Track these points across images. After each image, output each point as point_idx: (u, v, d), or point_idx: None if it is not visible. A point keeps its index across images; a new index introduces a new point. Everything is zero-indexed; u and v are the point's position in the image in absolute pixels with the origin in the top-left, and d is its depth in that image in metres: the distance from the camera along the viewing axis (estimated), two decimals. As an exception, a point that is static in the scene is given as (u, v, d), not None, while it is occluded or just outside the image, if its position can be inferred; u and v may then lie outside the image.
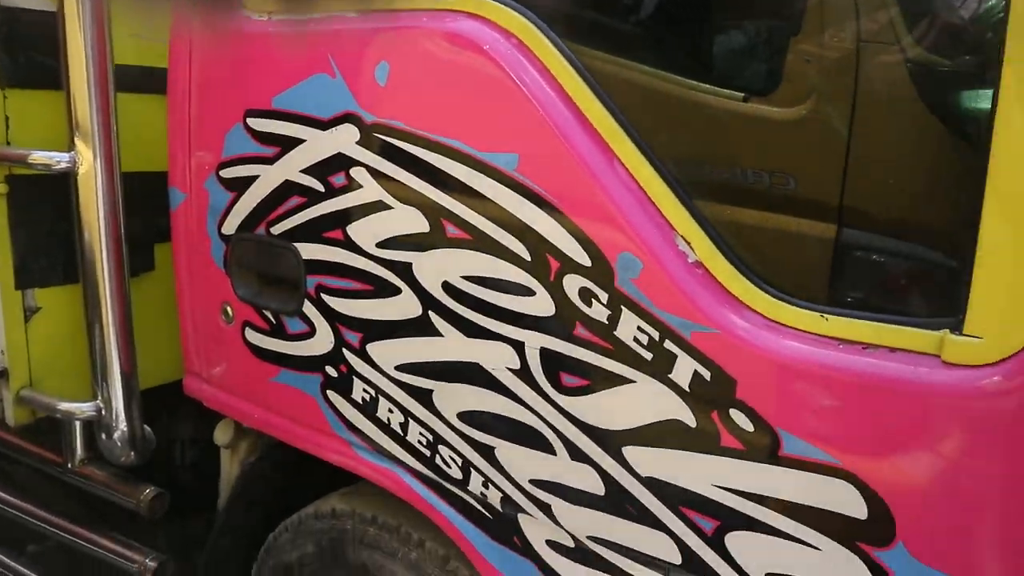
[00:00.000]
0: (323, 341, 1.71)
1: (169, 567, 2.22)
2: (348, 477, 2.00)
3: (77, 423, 2.14)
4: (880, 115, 2.01)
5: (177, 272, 2.02)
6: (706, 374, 1.22)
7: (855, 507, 1.15)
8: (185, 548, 2.54)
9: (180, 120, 1.89)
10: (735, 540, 1.26)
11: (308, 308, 1.72)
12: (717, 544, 1.28)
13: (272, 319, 1.81)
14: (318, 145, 1.63)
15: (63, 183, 1.92)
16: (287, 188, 1.71)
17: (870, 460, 1.14)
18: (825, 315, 1.17)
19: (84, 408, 2.05)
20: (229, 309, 1.90)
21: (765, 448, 1.20)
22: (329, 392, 1.74)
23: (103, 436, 2.10)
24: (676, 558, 1.32)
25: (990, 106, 1.03)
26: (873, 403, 1.12)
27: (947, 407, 1.08)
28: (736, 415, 1.21)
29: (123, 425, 2.07)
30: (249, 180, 1.78)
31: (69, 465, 2.21)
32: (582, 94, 1.33)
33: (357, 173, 1.57)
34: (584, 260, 1.31)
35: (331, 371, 1.72)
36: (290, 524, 2.08)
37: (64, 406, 2.06)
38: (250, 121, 1.75)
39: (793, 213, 2.01)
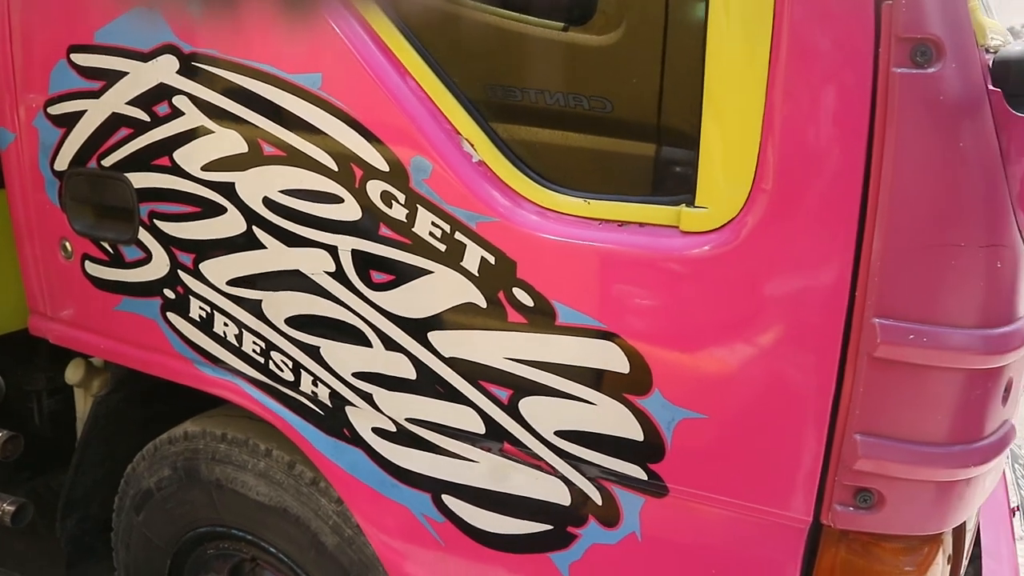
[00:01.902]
0: (159, 265, 1.81)
1: (29, 509, 2.27)
2: (203, 405, 2.10)
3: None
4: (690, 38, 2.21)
5: (13, 213, 2.06)
6: (491, 259, 1.39)
7: (619, 363, 1.34)
8: (49, 506, 2.57)
9: (2, 60, 1.92)
10: (527, 405, 1.44)
11: (143, 235, 1.81)
12: (513, 411, 1.45)
13: (110, 249, 1.89)
14: (141, 77, 1.71)
15: None
16: (115, 120, 1.78)
17: (628, 321, 1.33)
18: (588, 200, 1.34)
19: (-74, 355, 2.08)
20: (68, 244, 1.96)
21: (544, 320, 1.37)
22: (169, 314, 1.84)
23: (-51, 385, 2.13)
24: (480, 428, 1.50)
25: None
26: (627, 271, 1.31)
27: (683, 269, 1.27)
28: (518, 293, 1.38)
29: (-31, 371, 2.11)
30: (77, 115, 1.84)
31: (-86, 420, 2.23)
32: (377, 18, 1.45)
33: (179, 101, 1.66)
34: (383, 166, 1.45)
35: (169, 293, 1.81)
36: (146, 452, 2.16)
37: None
38: (74, 57, 1.81)
39: (608, 133, 2.20)
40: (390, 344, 1.54)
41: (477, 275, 1.41)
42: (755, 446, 1.30)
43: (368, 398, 1.60)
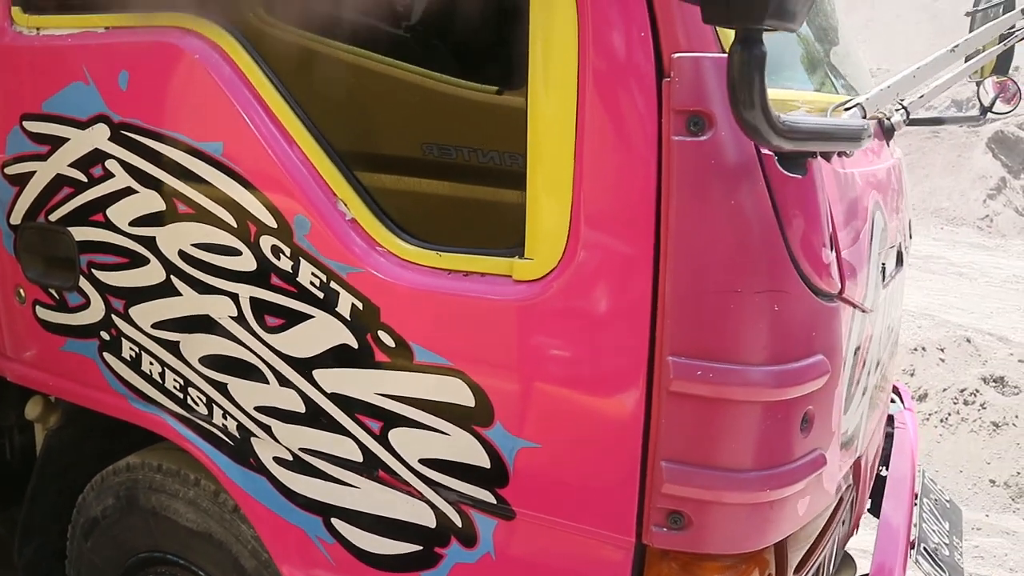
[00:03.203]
0: (96, 310, 2.00)
1: None
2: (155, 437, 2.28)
3: None
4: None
5: (-22, 262, 2.28)
6: (360, 305, 1.57)
7: (466, 398, 1.51)
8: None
9: (-33, 127, 2.16)
10: (395, 436, 1.61)
11: (83, 283, 2.01)
12: (384, 441, 1.62)
13: (56, 295, 2.09)
14: (80, 142, 1.93)
15: None
16: (59, 181, 1.99)
17: (472, 359, 1.50)
18: (440, 253, 1.52)
19: None
20: (21, 291, 2.17)
21: (404, 359, 1.55)
22: (105, 354, 2.03)
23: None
24: (359, 457, 1.66)
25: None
26: (470, 315, 1.49)
27: (516, 313, 1.44)
28: (383, 335, 1.56)
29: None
30: (29, 175, 2.05)
31: None
32: (269, 93, 1.66)
33: (111, 164, 1.88)
34: (272, 223, 1.64)
35: (105, 335, 2.01)
36: (94, 483, 2.34)
37: None
38: (25, 124, 2.03)
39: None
40: (283, 381, 1.72)
41: (349, 319, 1.59)
42: (582, 472, 1.46)
43: (268, 430, 1.78)
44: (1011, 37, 2.55)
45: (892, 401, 3.38)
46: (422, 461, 1.59)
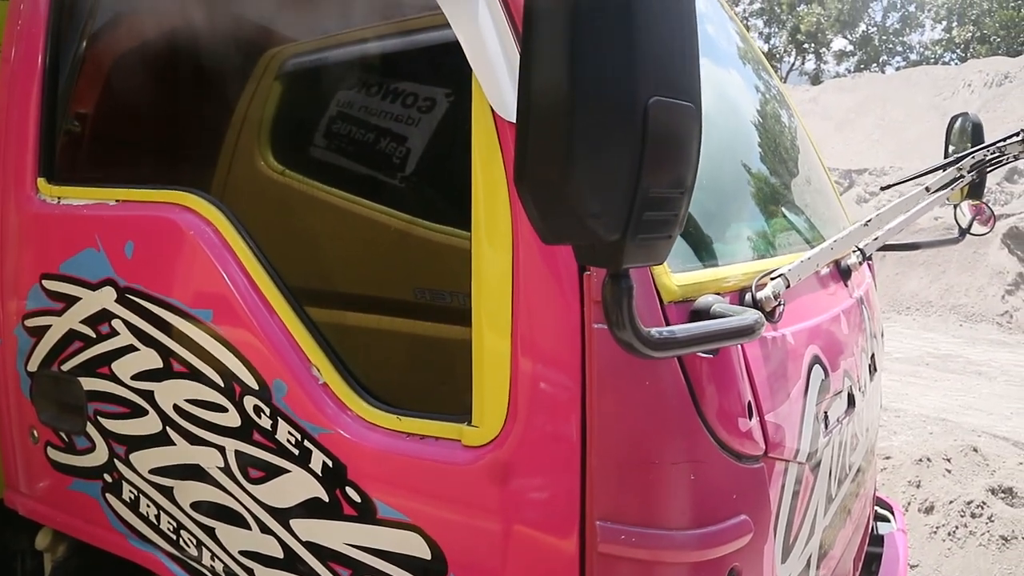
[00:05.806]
0: (101, 454, 2.18)
1: None
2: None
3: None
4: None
5: (-1, 404, 2.48)
6: (330, 463, 1.72)
7: (422, 550, 1.64)
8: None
9: (-6, 283, 2.39)
10: (362, 583, 1.74)
11: (90, 428, 2.19)
12: (352, 588, 1.75)
13: (66, 438, 2.27)
14: (90, 302, 2.13)
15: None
16: (71, 335, 2.19)
17: (428, 515, 1.64)
18: (400, 416, 1.68)
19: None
20: (35, 432, 2.36)
21: (368, 514, 1.69)
22: (107, 495, 2.19)
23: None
24: (330, 602, 1.80)
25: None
26: (425, 476, 1.63)
27: (465, 475, 1.59)
28: (350, 491, 1.71)
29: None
30: (45, 328, 2.26)
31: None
32: (254, 266, 1.85)
33: (116, 323, 2.07)
34: (255, 385, 1.81)
35: (108, 477, 2.18)
36: (98, 611, 2.48)
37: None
38: (44, 282, 2.25)
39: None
40: (264, 528, 1.86)
41: (321, 475, 1.74)
42: (527, 623, 1.58)
43: (251, 573, 1.92)
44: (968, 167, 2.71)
45: (886, 520, 3.43)
46: (386, 608, 1.72)
